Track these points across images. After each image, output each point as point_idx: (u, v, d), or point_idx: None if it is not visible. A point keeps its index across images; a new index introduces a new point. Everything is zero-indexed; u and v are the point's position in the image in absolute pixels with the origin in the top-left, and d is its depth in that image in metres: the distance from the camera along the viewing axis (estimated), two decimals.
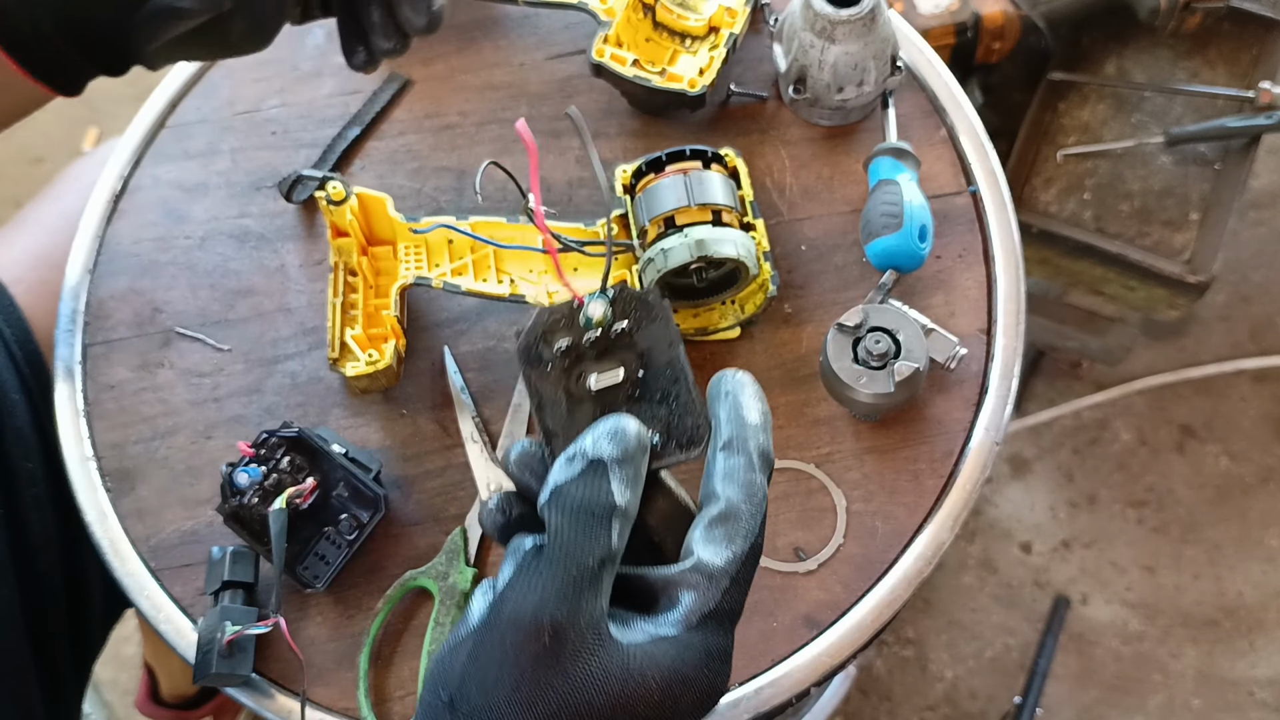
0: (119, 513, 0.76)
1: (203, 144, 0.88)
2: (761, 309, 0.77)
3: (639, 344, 0.50)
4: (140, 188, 0.86)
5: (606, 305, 0.50)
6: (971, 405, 0.76)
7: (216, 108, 0.89)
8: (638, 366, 0.50)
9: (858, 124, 0.86)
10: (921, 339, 0.71)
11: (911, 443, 0.75)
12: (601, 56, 0.81)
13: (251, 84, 0.90)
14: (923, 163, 0.81)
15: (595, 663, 0.39)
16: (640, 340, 0.50)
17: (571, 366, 0.51)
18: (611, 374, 0.50)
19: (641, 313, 0.51)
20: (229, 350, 0.80)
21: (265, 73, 0.90)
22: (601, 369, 0.50)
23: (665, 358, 0.50)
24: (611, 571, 0.41)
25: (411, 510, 0.75)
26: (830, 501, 0.74)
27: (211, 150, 0.88)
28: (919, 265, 0.76)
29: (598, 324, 0.50)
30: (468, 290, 0.76)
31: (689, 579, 0.41)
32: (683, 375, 0.50)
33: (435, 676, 0.41)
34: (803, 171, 0.84)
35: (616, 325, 0.50)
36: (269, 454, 0.70)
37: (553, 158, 0.85)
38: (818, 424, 0.76)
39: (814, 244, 0.81)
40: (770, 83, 0.87)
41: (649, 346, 0.50)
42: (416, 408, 0.78)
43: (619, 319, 0.51)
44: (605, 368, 0.50)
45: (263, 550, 0.70)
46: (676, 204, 0.73)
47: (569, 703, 0.38)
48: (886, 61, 0.81)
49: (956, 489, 0.74)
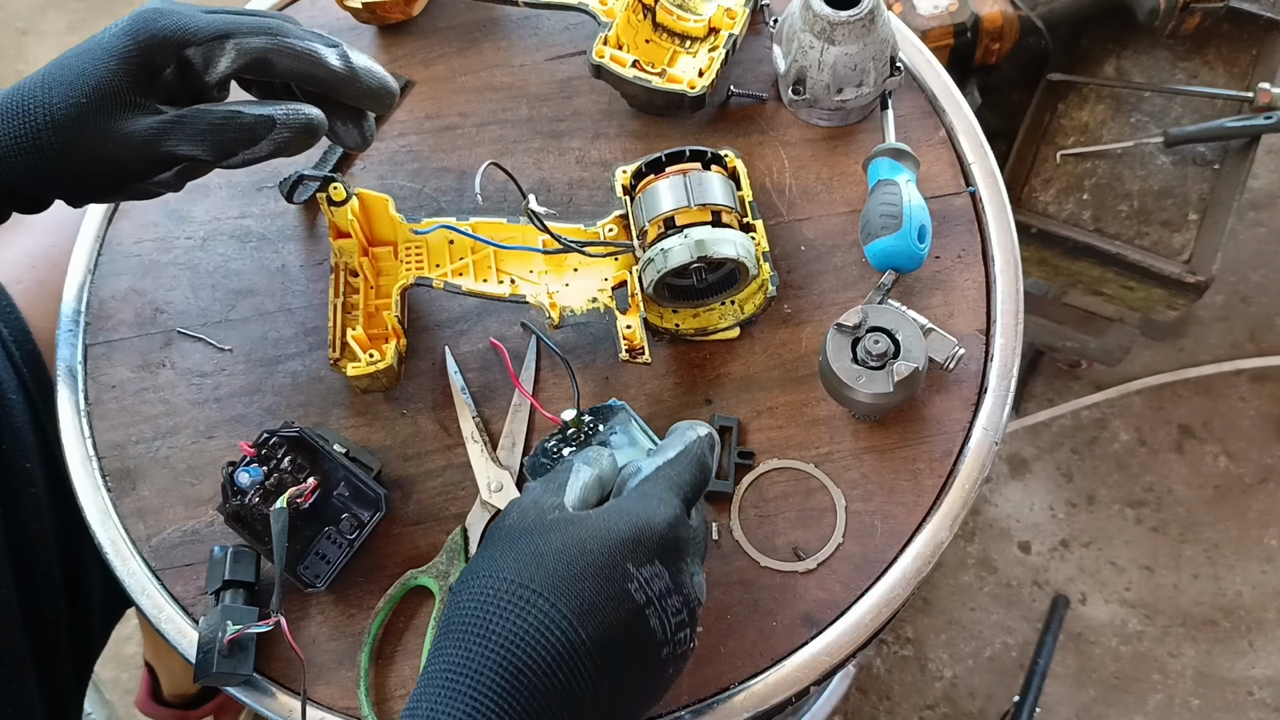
0: (120, 512, 0.76)
1: None
2: (761, 309, 0.78)
3: (607, 433, 0.69)
4: None
5: (575, 414, 0.70)
6: (970, 405, 0.76)
7: None
8: (609, 445, 0.70)
9: (857, 125, 0.86)
10: (920, 339, 0.71)
11: (910, 442, 0.75)
12: (601, 58, 0.82)
13: None
14: (922, 163, 0.82)
15: (570, 527, 0.56)
16: (607, 429, 0.70)
17: (559, 460, 0.69)
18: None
19: (608, 414, 0.70)
20: (230, 350, 0.80)
21: None
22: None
23: (628, 435, 0.70)
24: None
25: (412, 509, 0.75)
26: (829, 501, 0.74)
27: None
28: (918, 266, 0.77)
29: (573, 425, 0.70)
30: (468, 290, 0.76)
31: (629, 470, 0.61)
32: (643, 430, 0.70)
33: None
34: (802, 172, 0.84)
35: (586, 424, 0.70)
36: (270, 454, 0.70)
37: (553, 159, 0.86)
38: (817, 424, 0.76)
39: (813, 244, 0.82)
40: (770, 84, 0.87)
41: (614, 433, 0.70)
42: (417, 407, 0.78)
43: (590, 422, 0.70)
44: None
45: (264, 550, 0.70)
46: (676, 205, 0.73)
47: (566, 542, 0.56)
48: (885, 63, 0.81)
49: (955, 488, 0.74)
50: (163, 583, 0.74)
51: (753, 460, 0.75)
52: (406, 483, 0.76)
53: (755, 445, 0.76)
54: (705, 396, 0.77)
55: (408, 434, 0.77)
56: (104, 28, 0.62)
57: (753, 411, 0.77)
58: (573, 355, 0.78)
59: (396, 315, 0.76)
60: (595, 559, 0.54)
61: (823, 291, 0.80)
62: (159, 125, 0.60)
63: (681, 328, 0.78)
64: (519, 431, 0.77)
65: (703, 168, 0.76)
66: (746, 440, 0.76)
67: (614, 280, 0.76)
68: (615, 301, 0.75)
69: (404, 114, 0.88)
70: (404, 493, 0.75)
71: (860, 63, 0.80)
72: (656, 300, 0.76)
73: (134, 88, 0.60)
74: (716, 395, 0.77)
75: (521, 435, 0.77)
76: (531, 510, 0.58)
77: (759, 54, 0.88)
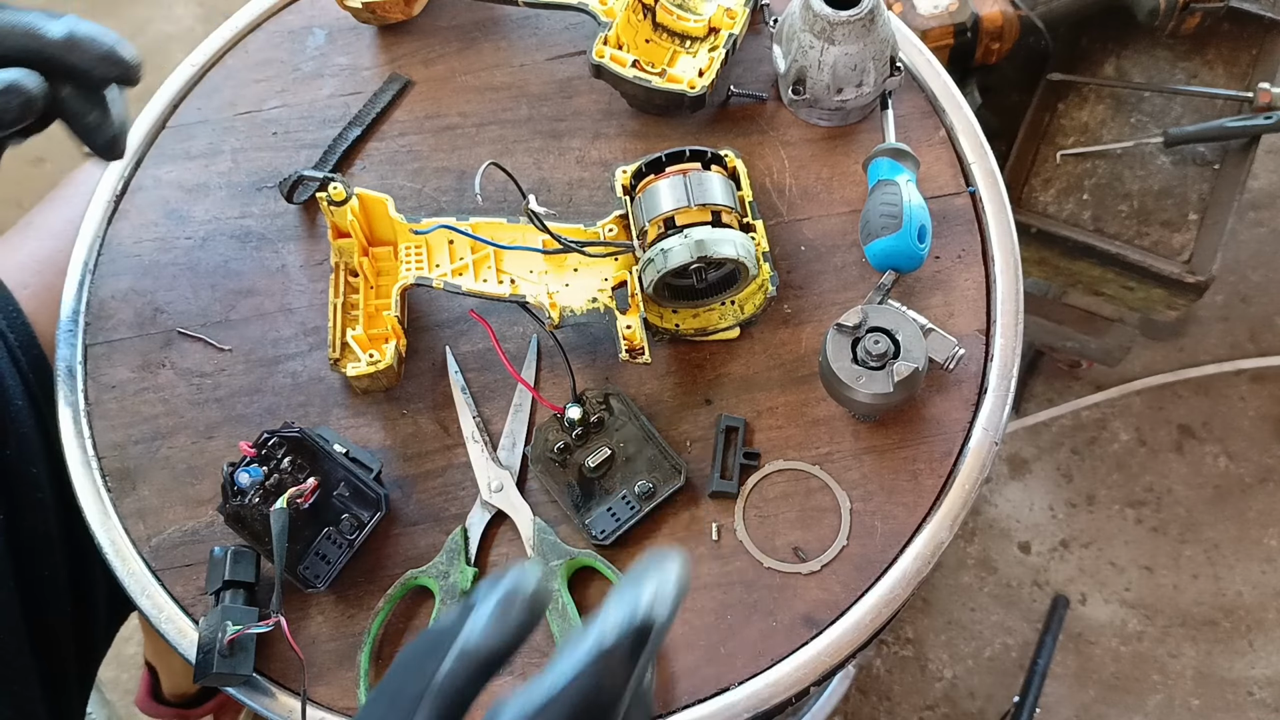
0: (120, 513, 0.76)
1: (204, 144, 0.88)
2: (761, 309, 0.78)
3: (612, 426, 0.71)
4: (141, 188, 0.87)
5: (580, 408, 0.72)
6: (970, 405, 0.76)
7: (218, 108, 0.89)
8: (617, 441, 0.73)
9: (857, 125, 0.86)
10: (920, 339, 0.71)
11: (910, 442, 0.75)
12: (602, 57, 0.82)
13: (252, 85, 0.90)
14: (922, 163, 0.82)
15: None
16: (612, 423, 0.71)
17: (568, 458, 0.73)
18: (599, 453, 0.74)
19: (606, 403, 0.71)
20: (230, 350, 0.80)
21: (266, 73, 0.90)
22: (591, 452, 0.74)
23: (634, 429, 0.73)
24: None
25: (412, 510, 0.75)
26: (830, 501, 0.74)
27: (213, 151, 0.88)
28: (918, 266, 0.77)
29: (578, 423, 0.72)
30: (468, 291, 0.76)
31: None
32: (650, 436, 0.72)
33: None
34: (802, 172, 0.84)
35: (591, 417, 0.72)
36: (270, 454, 0.71)
37: (553, 158, 0.86)
38: (817, 424, 0.76)
39: (813, 245, 0.81)
40: (770, 84, 0.87)
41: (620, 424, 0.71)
42: (417, 407, 0.78)
43: (592, 414, 0.73)
44: (593, 450, 0.74)
45: (264, 550, 0.70)
46: (676, 205, 0.73)
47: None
48: (885, 62, 0.81)
49: (955, 489, 0.74)
50: (163, 583, 0.74)
51: (758, 461, 0.75)
52: (406, 483, 0.76)
53: (759, 445, 0.76)
54: (705, 397, 0.77)
55: (408, 434, 0.77)
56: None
57: (753, 411, 0.77)
58: (573, 355, 0.78)
59: (396, 315, 0.76)
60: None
61: (822, 291, 0.80)
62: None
63: (681, 328, 0.78)
64: (519, 431, 0.77)
65: (703, 168, 0.76)
66: (752, 441, 0.76)
67: (614, 280, 0.76)
68: (615, 301, 0.75)
69: (404, 114, 0.88)
70: (404, 493, 0.75)
71: (860, 63, 0.80)
72: (656, 300, 0.76)
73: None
74: (717, 395, 0.77)
75: (522, 434, 0.77)
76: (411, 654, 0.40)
77: (759, 54, 0.88)
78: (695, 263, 0.71)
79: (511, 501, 0.74)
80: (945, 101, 0.86)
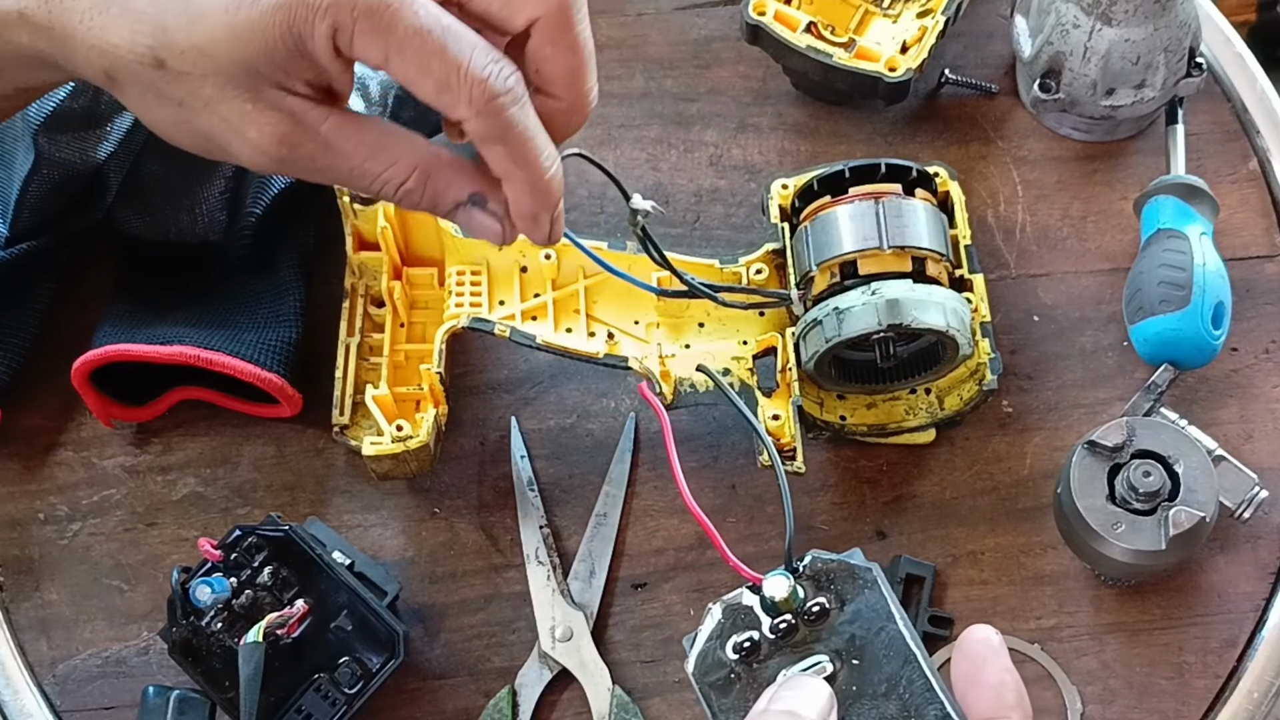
0: (14, 622, 0.77)
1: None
2: (970, 406, 0.78)
3: (843, 624, 0.55)
4: None
5: (791, 582, 0.55)
6: (1270, 575, 0.76)
7: None
8: (848, 653, 0.55)
9: (1126, 142, 0.86)
10: (1210, 473, 0.71)
11: (1177, 622, 0.75)
12: (763, 13, 0.83)
13: None
14: (1222, 208, 0.82)
15: None
16: (845, 617, 0.55)
17: (759, 669, 0.55)
18: (813, 670, 0.55)
19: (842, 582, 0.56)
20: None
21: None
22: (795, 662, 0.55)
23: (883, 636, 0.55)
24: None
25: (439, 657, 0.76)
26: (1051, 700, 0.74)
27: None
28: (1208, 360, 0.77)
29: (784, 608, 0.55)
30: (545, 344, 0.76)
31: None
32: (911, 657, 0.55)
33: None
34: (1042, 205, 0.85)
35: (810, 603, 0.55)
36: (243, 559, 0.71)
37: (676, 155, 0.87)
38: (1041, 582, 0.76)
39: (1052, 314, 0.82)
40: (1003, 71, 0.88)
41: (857, 625, 0.55)
42: (456, 505, 0.79)
43: (813, 596, 0.56)
44: (802, 660, 0.55)
45: (222, 699, 0.71)
46: (862, 244, 0.74)
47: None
48: (1182, 56, 0.82)
49: (1239, 694, 0.74)
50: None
51: (949, 630, 0.75)
52: (433, 615, 0.77)
53: (951, 607, 0.76)
54: (877, 527, 0.78)
55: (440, 544, 0.78)
56: None
57: (947, 556, 0.77)
58: (688, 448, 0.78)
59: (437, 370, 0.77)
60: None
61: (1063, 386, 0.80)
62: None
63: (850, 422, 0.78)
64: (601, 554, 0.77)
65: (903, 191, 0.76)
66: (942, 599, 0.76)
67: (757, 345, 0.77)
68: (757, 377, 0.76)
69: None
70: (428, 630, 0.76)
71: (1145, 53, 0.80)
72: (818, 380, 0.77)
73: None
74: (894, 527, 0.78)
75: (605, 561, 0.77)
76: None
77: (990, 25, 0.89)
78: (883, 332, 0.72)
79: (583, 658, 0.75)
80: (1260, 117, 0.86)
